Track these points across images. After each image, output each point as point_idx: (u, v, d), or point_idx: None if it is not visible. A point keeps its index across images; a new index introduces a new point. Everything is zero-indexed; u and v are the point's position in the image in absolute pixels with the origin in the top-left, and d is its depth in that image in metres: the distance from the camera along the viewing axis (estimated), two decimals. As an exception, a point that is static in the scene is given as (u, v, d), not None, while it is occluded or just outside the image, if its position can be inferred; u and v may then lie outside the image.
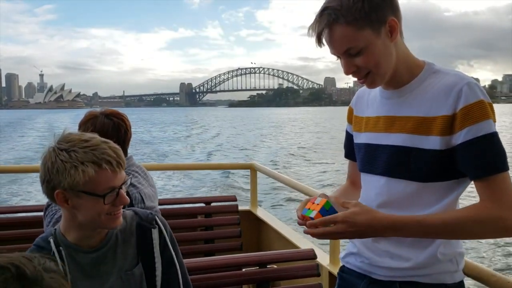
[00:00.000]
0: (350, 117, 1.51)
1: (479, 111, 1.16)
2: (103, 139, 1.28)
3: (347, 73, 1.26)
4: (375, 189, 1.34)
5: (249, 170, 3.74)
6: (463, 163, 1.19)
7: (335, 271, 1.57)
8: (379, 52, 1.21)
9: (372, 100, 1.40)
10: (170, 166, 6.12)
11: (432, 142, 1.21)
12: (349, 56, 1.23)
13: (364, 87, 1.39)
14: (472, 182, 1.22)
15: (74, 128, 1.62)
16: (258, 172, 3.64)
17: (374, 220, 1.19)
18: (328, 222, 1.19)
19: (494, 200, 1.16)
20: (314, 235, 1.21)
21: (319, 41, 1.23)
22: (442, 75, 1.25)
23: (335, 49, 1.23)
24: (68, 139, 1.25)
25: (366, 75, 1.26)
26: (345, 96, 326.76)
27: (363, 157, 1.40)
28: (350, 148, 1.52)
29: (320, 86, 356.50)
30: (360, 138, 1.42)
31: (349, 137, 1.53)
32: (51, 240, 1.31)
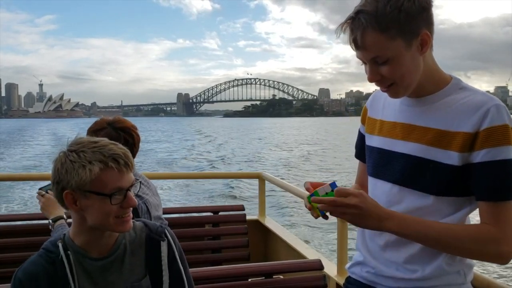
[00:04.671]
0: (364, 118, 1.48)
1: (502, 135, 1.14)
2: (112, 141, 1.30)
3: (371, 80, 1.23)
4: (386, 197, 1.31)
5: (257, 179, 3.72)
6: (474, 182, 1.18)
7: (342, 281, 1.56)
8: (406, 64, 1.18)
9: (390, 104, 1.36)
10: (176, 175, 6.06)
11: (451, 157, 1.19)
12: (375, 64, 1.20)
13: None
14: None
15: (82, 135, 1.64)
16: (266, 181, 3.61)
17: (379, 207, 1.21)
18: (343, 194, 1.19)
19: (496, 225, 1.15)
20: (323, 205, 1.20)
21: (355, 45, 1.19)
22: (469, 93, 1.23)
23: (362, 55, 1.20)
24: (79, 142, 1.28)
25: (390, 85, 1.23)
26: (336, 107, 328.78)
27: (375, 162, 1.37)
28: (361, 149, 1.49)
29: (315, 97, 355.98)
30: (373, 141, 1.39)
31: (361, 137, 1.50)
32: (60, 244, 1.30)
